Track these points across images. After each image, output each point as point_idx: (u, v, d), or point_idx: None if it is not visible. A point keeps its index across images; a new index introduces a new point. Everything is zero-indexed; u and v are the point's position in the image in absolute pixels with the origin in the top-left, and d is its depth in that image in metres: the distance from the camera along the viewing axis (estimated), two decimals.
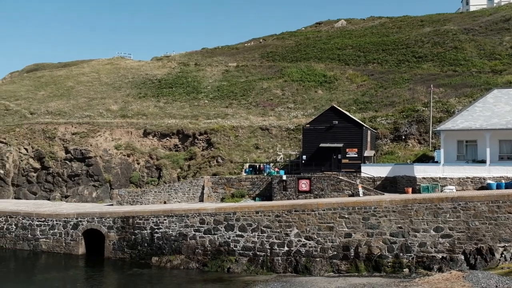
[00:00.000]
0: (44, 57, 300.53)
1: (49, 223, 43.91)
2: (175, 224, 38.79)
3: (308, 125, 48.50)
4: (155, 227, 39.53)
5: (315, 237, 34.53)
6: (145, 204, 48.52)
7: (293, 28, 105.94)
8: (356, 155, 46.62)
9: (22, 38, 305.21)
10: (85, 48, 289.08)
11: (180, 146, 59.38)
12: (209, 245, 37.54)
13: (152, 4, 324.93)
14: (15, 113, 71.86)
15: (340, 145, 46.66)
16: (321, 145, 46.84)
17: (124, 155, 58.86)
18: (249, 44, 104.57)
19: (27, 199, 58.28)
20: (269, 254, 35.53)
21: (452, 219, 32.09)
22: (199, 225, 38.01)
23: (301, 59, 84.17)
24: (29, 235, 44.58)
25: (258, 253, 35.87)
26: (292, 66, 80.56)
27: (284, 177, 43.70)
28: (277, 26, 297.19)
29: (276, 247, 35.40)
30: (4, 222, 45.83)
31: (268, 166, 50.07)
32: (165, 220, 39.26)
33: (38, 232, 44.20)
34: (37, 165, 60.00)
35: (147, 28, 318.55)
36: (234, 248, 36.67)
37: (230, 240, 36.83)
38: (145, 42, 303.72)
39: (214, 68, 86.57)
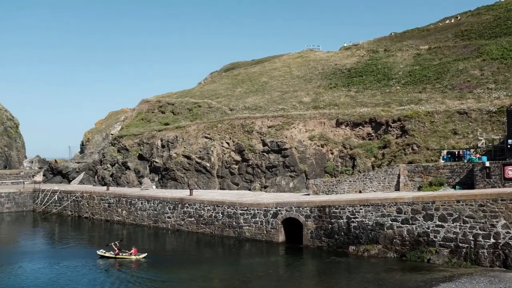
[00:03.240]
0: (239, 56, 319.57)
1: (251, 212, 46.76)
2: (371, 213, 38.59)
3: None
4: (351, 216, 39.76)
5: None
6: (340, 193, 49.03)
7: (490, 1, 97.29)
8: None
9: (218, 40, 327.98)
10: (276, 43, 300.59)
11: (373, 134, 58.74)
12: (407, 235, 36.67)
13: None
14: (217, 110, 77.66)
15: None
16: None
17: (318, 146, 60.09)
18: (441, 24, 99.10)
19: (230, 189, 62.76)
20: (472, 246, 33.54)
21: None
22: (396, 214, 37.34)
23: (502, 35, 77.23)
24: (234, 223, 47.99)
25: (460, 244, 34.08)
26: (491, 43, 74.41)
27: (487, 164, 40.74)
28: (472, 1, 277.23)
29: (480, 239, 33.26)
30: (212, 211, 50.01)
31: (468, 152, 47.09)
32: (361, 209, 39.28)
33: (241, 220, 47.36)
34: (238, 157, 64.20)
35: (335, 19, 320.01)
36: (434, 239, 35.32)
37: (429, 231, 35.57)
38: (332, 32, 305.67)
39: (404, 52, 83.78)
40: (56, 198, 70.39)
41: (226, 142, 66.37)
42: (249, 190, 61.10)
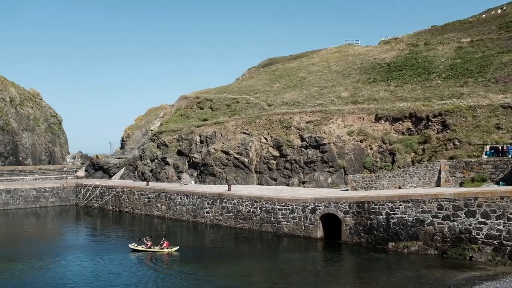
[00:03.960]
0: (276, 51, 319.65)
1: (289, 207, 46.73)
2: (411, 209, 38.05)
3: None
4: (391, 212, 39.28)
5: None
6: (379, 189, 48.48)
7: None
8: None
9: (255, 35, 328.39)
10: (314, 38, 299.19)
11: (413, 129, 57.82)
12: (448, 232, 36.02)
13: None
14: (255, 105, 77.78)
15: None
16: None
17: (357, 141, 59.55)
18: (484, 15, 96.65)
19: (268, 185, 62.82)
20: None
21: None
22: (436, 210, 36.71)
23: None
24: (272, 218, 48.05)
25: (504, 242, 33.26)
26: None
27: None
28: None
29: None
30: (250, 206, 50.20)
31: None
32: (400, 205, 38.77)
33: (279, 216, 47.38)
34: (276, 153, 64.19)
35: (373, 13, 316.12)
36: (476, 236, 34.58)
37: (471, 227, 34.84)
38: (371, 26, 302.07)
39: (445, 46, 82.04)
40: (98, 193, 71.91)
41: (264, 138, 66.44)
42: (287, 185, 61.03)
